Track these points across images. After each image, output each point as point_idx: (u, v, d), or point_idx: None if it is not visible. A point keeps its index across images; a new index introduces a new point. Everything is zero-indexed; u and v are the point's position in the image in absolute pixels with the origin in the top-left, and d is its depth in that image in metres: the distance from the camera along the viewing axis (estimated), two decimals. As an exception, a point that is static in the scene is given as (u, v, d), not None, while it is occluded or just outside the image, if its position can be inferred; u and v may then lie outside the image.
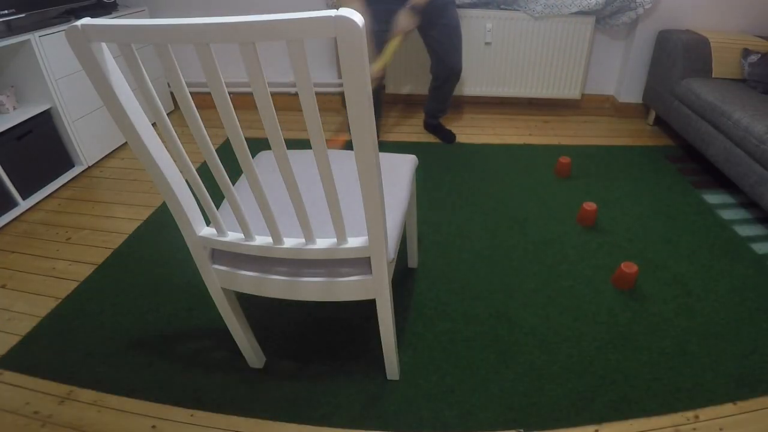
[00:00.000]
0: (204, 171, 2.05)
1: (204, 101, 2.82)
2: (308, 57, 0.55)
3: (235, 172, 1.10)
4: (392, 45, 1.89)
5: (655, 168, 2.15)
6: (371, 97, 0.67)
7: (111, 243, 1.72)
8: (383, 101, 2.26)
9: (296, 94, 2.79)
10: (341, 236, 0.87)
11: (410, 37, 2.54)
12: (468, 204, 1.90)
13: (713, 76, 2.18)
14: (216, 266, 1.00)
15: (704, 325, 1.34)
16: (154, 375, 1.22)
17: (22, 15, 1.83)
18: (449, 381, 1.20)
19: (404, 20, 1.87)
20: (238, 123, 0.72)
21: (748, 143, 1.71)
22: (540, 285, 1.49)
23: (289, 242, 0.90)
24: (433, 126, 2.50)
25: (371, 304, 1.40)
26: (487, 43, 2.53)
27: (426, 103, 2.43)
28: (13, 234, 1.79)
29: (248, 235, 0.91)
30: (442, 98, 2.33)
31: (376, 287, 0.97)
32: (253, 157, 0.85)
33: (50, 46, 1.90)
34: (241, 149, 0.75)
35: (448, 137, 2.44)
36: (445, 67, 2.11)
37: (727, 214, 1.82)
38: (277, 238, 0.89)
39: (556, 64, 2.57)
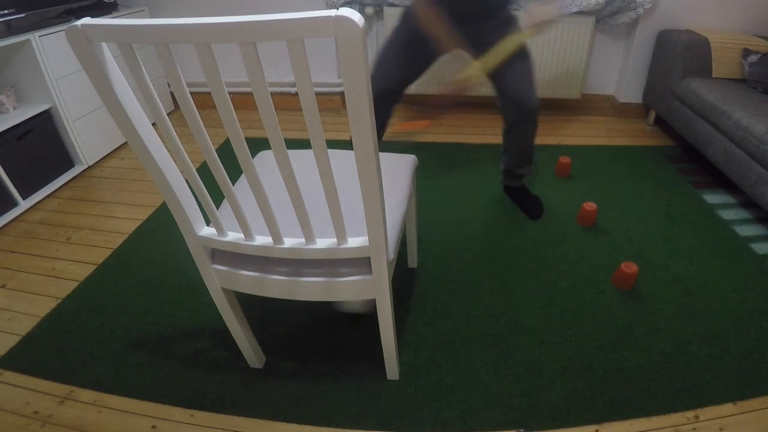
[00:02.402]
0: (204, 171, 2.05)
1: (204, 101, 2.82)
2: (308, 57, 0.55)
3: (235, 172, 1.10)
4: (513, 42, 1.47)
5: (655, 168, 2.15)
6: (371, 96, 0.67)
7: (111, 243, 1.72)
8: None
9: (296, 94, 2.78)
10: (341, 236, 0.87)
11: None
12: (468, 204, 1.90)
13: (713, 76, 2.18)
14: (216, 266, 1.00)
15: (704, 325, 1.34)
16: (154, 375, 1.22)
17: (22, 15, 1.83)
18: (449, 381, 1.20)
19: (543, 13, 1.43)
20: (238, 123, 0.72)
21: (748, 143, 1.71)
22: (540, 285, 1.49)
23: (289, 242, 0.90)
24: (513, 190, 1.90)
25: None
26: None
27: (501, 156, 1.84)
28: (13, 234, 1.79)
29: (248, 235, 0.91)
30: (518, 150, 1.72)
31: (376, 287, 0.97)
32: (253, 157, 0.85)
33: (50, 46, 1.90)
34: (241, 149, 0.75)
35: (532, 210, 1.81)
36: (511, 100, 1.56)
37: (727, 214, 1.82)
38: (277, 238, 0.89)
39: (556, 64, 2.57)
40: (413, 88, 2.71)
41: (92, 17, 0.66)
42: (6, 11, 1.76)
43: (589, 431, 1.08)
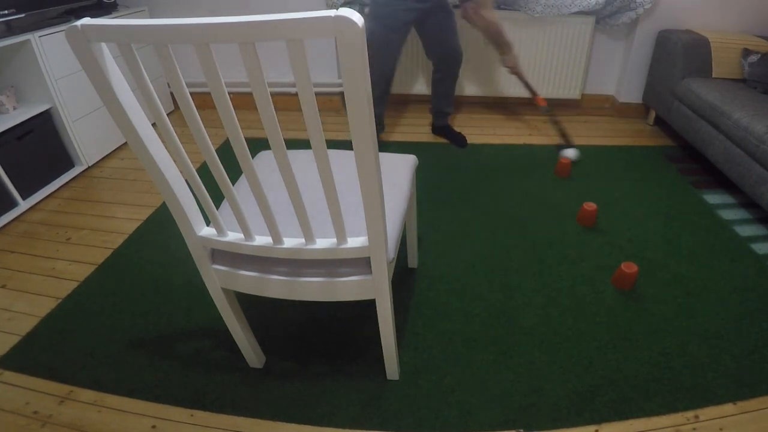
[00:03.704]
0: (204, 171, 2.05)
1: (204, 101, 2.82)
2: (308, 57, 0.55)
3: (235, 172, 1.10)
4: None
5: (655, 168, 2.15)
6: (371, 97, 0.67)
7: (111, 243, 1.72)
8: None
9: (296, 94, 2.78)
10: (341, 236, 0.87)
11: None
12: (468, 204, 1.90)
13: (713, 76, 2.18)
14: (216, 266, 1.00)
15: (704, 325, 1.34)
16: (154, 375, 1.22)
17: (22, 15, 1.83)
18: (449, 381, 1.20)
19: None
20: (238, 123, 0.72)
21: (748, 143, 1.71)
22: (540, 285, 1.49)
23: (289, 242, 0.90)
24: (441, 128, 2.43)
25: (371, 304, 1.39)
26: (487, 43, 2.53)
27: (431, 102, 2.39)
28: (13, 234, 1.79)
29: (248, 235, 0.91)
30: (445, 92, 2.29)
31: (376, 287, 0.97)
32: (253, 157, 0.85)
33: (50, 46, 1.90)
34: (241, 149, 0.75)
35: (459, 141, 2.36)
36: (447, 51, 2.09)
37: (727, 214, 1.82)
38: (277, 238, 0.89)
39: (556, 64, 2.57)
40: (408, 89, 2.74)
41: (92, 17, 0.66)
42: (6, 11, 1.76)
43: (589, 431, 1.08)
